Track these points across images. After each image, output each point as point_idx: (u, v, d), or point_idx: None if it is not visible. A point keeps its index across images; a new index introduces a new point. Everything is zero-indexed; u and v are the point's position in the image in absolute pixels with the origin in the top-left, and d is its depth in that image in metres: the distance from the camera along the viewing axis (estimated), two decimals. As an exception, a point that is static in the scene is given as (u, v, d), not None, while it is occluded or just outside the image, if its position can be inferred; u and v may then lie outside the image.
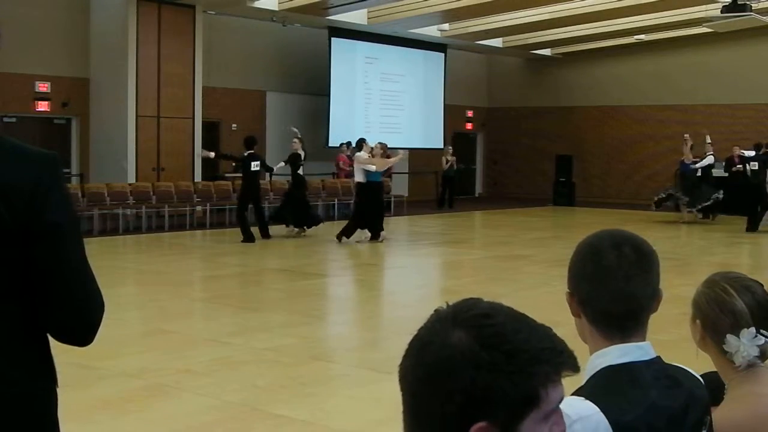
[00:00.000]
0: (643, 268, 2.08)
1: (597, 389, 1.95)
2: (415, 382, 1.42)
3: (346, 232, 18.77)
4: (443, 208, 28.39)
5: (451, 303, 1.48)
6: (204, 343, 9.35)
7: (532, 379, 1.38)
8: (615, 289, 2.05)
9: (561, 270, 2.15)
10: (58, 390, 2.38)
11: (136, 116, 21.86)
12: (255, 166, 18.27)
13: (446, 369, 1.38)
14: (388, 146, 20.66)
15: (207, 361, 8.52)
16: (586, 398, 1.88)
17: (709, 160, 23.88)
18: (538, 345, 1.40)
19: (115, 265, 14.24)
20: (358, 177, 18.84)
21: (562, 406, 1.60)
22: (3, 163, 2.20)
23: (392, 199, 26.68)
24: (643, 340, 2.08)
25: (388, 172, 27.36)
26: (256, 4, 23.08)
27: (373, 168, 18.55)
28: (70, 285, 2.26)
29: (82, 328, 2.31)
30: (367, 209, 18.62)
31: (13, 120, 21.23)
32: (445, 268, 16.66)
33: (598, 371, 2.03)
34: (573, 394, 1.94)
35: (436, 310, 1.47)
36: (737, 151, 24.52)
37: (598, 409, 1.84)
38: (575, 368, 1.43)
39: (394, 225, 24.02)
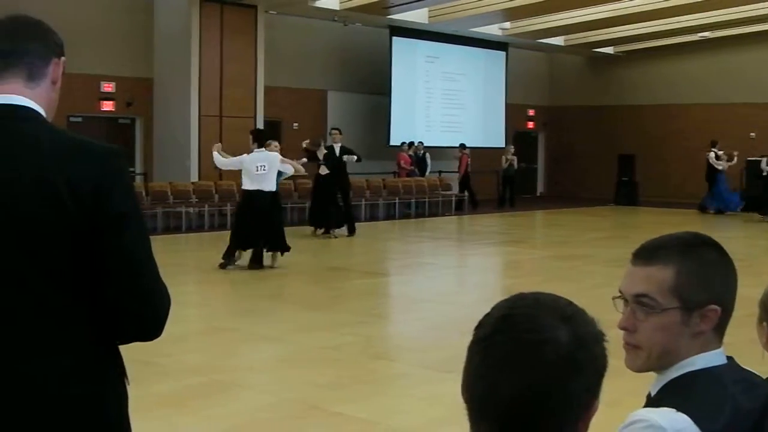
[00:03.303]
0: (732, 271, 2.03)
1: (683, 397, 1.87)
2: (544, 389, 1.45)
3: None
4: (504, 208, 28.27)
5: (495, 307, 1.54)
6: (264, 341, 9.40)
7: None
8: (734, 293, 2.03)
9: (622, 270, 2.09)
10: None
11: (199, 116, 22.05)
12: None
13: (579, 360, 1.47)
14: (448, 145, 20.38)
15: (267, 359, 8.57)
16: (676, 408, 1.82)
17: None
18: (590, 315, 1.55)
19: (177, 262, 14.36)
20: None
21: (656, 418, 1.62)
22: (69, 158, 2.23)
23: (453, 198, 26.64)
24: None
25: (463, 171, 27.40)
26: (318, 4, 23.15)
27: (290, 170, 15.50)
28: (138, 275, 2.29)
29: (155, 319, 2.33)
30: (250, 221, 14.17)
31: (79, 120, 21.53)
32: (504, 268, 16.58)
33: (676, 378, 1.95)
34: (653, 404, 1.89)
35: (510, 315, 1.49)
36: None
37: (691, 421, 1.79)
38: None
39: (454, 224, 23.99)
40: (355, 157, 19.26)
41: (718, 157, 26.67)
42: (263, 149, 14.23)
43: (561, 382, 1.45)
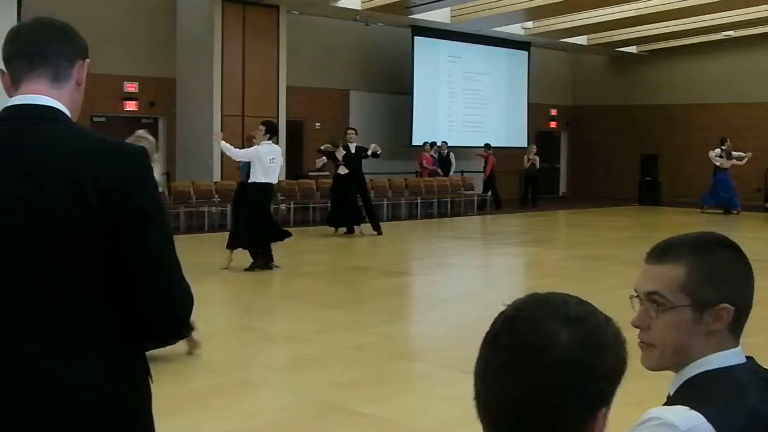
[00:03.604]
0: (749, 271, 2.03)
1: (698, 396, 1.87)
2: (546, 392, 1.44)
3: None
4: (526, 208, 28.22)
5: (516, 304, 1.54)
6: (287, 340, 9.42)
7: (625, 354, 1.49)
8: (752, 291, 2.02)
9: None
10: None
11: (222, 115, 22.12)
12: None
13: (582, 363, 1.43)
14: (475, 146, 20.21)
15: (290, 358, 8.59)
16: (691, 407, 1.82)
17: None
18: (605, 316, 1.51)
19: (200, 261, 14.40)
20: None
21: (670, 416, 1.60)
22: (95, 157, 2.25)
23: (475, 198, 26.61)
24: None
25: (489, 171, 27.35)
26: (340, 4, 23.18)
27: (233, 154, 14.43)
28: (161, 275, 2.30)
29: (178, 319, 2.36)
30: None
31: (103, 120, 21.65)
32: (526, 268, 16.55)
33: (692, 377, 1.96)
34: (671, 403, 1.89)
35: (516, 317, 1.49)
36: None
37: (705, 419, 1.79)
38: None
39: (476, 224, 23.97)
40: (370, 153, 19.11)
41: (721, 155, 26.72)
42: (270, 142, 13.98)
43: (562, 386, 1.43)
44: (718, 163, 26.57)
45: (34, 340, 2.23)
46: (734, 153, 26.61)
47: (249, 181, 13.92)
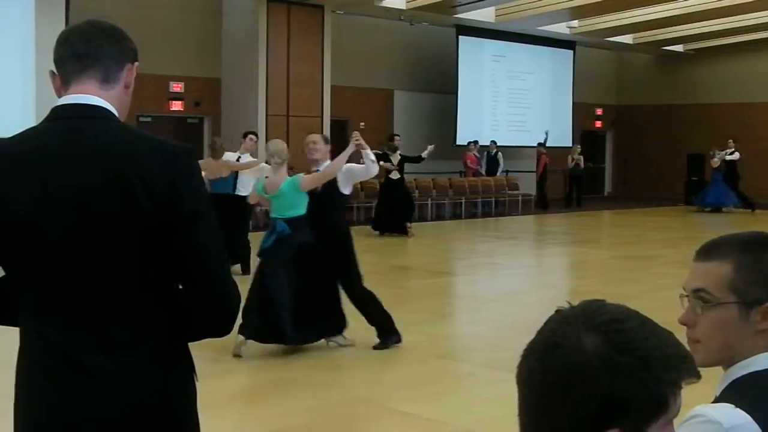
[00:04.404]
0: None
1: (745, 396, 1.86)
2: (542, 386, 1.40)
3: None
4: (571, 207, 28.08)
5: (573, 303, 1.47)
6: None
7: (663, 385, 1.37)
8: None
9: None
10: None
11: (266, 115, 22.22)
12: None
13: (581, 374, 1.36)
14: (519, 145, 20.04)
15: (333, 357, 8.60)
16: (736, 406, 1.81)
17: None
18: (666, 351, 1.39)
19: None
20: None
21: (714, 414, 1.57)
22: (143, 157, 2.27)
23: (520, 198, 26.52)
24: None
25: (541, 170, 27.31)
26: (384, 4, 23.19)
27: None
28: (209, 273, 2.33)
29: (225, 316, 2.38)
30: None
31: (149, 120, 21.82)
32: (572, 268, 16.47)
33: (739, 378, 1.95)
34: (716, 402, 1.88)
35: (558, 311, 1.46)
36: None
37: (750, 418, 1.78)
38: (698, 375, 1.42)
39: (520, 223, 23.88)
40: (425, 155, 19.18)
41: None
42: None
43: (558, 389, 1.38)
44: (715, 165, 26.96)
45: (84, 336, 2.27)
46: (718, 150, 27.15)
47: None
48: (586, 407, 1.36)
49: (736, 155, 27.33)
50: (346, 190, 8.94)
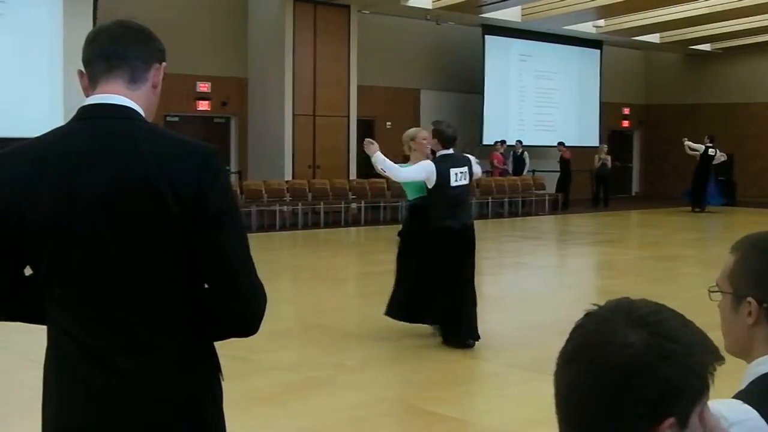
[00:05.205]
0: None
1: (756, 394, 1.88)
2: (597, 388, 1.41)
3: None
4: (598, 207, 27.97)
5: (599, 305, 1.50)
6: (358, 339, 9.44)
7: (705, 368, 1.42)
8: None
9: (718, 271, 2.09)
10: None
11: (293, 115, 22.26)
12: None
13: (637, 368, 1.39)
14: (546, 145, 20.01)
15: (361, 357, 8.61)
16: (745, 402, 1.82)
17: None
18: (700, 338, 1.44)
19: (272, 260, 14.51)
20: None
21: (721, 408, 1.58)
22: (170, 158, 2.28)
23: (546, 197, 26.44)
24: None
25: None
26: (410, 3, 23.19)
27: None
28: (236, 273, 2.33)
29: (252, 316, 2.38)
30: None
31: (176, 119, 21.91)
32: (598, 268, 16.41)
33: (757, 378, 1.96)
34: (737, 398, 1.88)
35: (588, 313, 1.47)
36: None
37: (757, 414, 1.78)
38: (723, 360, 1.47)
39: (547, 223, 23.81)
40: None
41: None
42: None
43: (614, 387, 1.40)
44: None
45: (110, 336, 2.28)
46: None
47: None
48: (645, 400, 1.39)
49: (722, 157, 27.19)
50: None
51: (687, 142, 26.92)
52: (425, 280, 8.98)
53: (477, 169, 9.58)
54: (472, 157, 9.35)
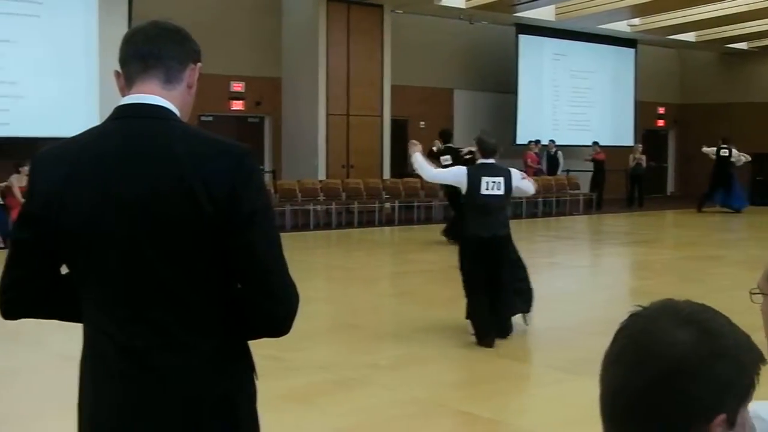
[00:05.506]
0: None
1: None
2: (649, 388, 1.41)
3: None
4: (633, 207, 27.82)
5: (643, 305, 1.48)
6: (391, 339, 9.45)
7: (753, 366, 1.42)
8: None
9: (755, 272, 2.07)
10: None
11: (327, 114, 22.32)
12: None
13: (689, 365, 1.39)
14: (580, 144, 19.87)
15: (394, 356, 8.61)
16: None
17: None
18: (746, 338, 1.44)
19: (305, 259, 14.54)
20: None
21: (758, 409, 1.57)
22: (204, 158, 2.28)
23: (581, 197, 26.33)
24: None
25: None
26: (444, 3, 23.18)
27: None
28: (269, 273, 2.33)
29: (285, 316, 2.37)
30: None
31: (210, 119, 22.02)
32: (633, 268, 16.31)
33: None
34: None
35: (632, 314, 1.47)
36: None
37: None
38: (766, 361, 1.47)
39: (581, 223, 23.70)
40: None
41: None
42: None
43: (664, 386, 1.40)
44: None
45: (146, 335, 2.29)
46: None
47: None
48: (698, 397, 1.39)
49: (743, 158, 26.87)
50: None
51: (703, 149, 26.75)
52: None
53: (525, 186, 9.33)
54: (517, 172, 9.18)
